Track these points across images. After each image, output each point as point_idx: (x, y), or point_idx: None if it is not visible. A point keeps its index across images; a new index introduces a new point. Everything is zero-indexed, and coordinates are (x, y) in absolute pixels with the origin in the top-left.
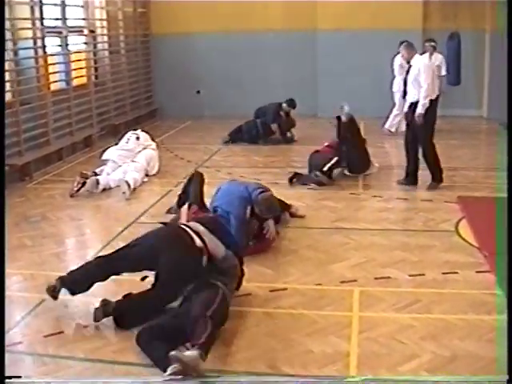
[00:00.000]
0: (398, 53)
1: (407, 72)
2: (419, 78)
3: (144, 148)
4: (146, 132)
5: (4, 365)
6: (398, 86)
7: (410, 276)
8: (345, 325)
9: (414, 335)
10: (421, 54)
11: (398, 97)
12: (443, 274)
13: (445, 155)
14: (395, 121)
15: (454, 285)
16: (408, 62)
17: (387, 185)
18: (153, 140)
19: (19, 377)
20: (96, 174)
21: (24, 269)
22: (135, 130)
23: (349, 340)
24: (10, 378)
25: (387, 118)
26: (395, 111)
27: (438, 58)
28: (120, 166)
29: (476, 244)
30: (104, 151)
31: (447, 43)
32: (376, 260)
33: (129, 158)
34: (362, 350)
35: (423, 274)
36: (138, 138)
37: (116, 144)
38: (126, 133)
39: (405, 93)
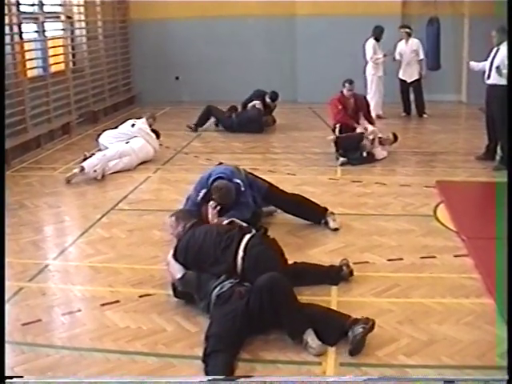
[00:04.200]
0: (370, 37)
1: (494, 56)
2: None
3: (135, 136)
4: (154, 131)
5: (4, 365)
6: (370, 70)
7: (388, 260)
8: None
9: (392, 319)
10: (398, 41)
11: (369, 80)
12: (421, 258)
13: (424, 140)
14: (378, 104)
15: (432, 269)
16: (499, 45)
17: (366, 170)
18: (154, 131)
19: (20, 377)
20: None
21: None
22: (139, 118)
23: None
24: (10, 377)
25: None
26: (371, 95)
27: (414, 42)
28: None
29: (454, 228)
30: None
31: (426, 28)
32: (354, 245)
33: (115, 140)
34: None
35: (401, 259)
36: (133, 125)
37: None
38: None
39: (489, 75)
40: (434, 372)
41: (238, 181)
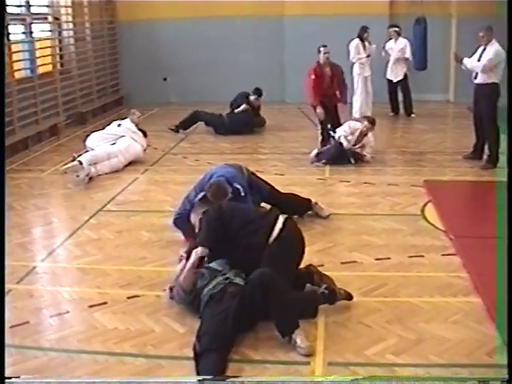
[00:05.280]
0: (353, 38)
1: (480, 55)
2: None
3: (122, 136)
4: (141, 130)
5: (4, 365)
6: (356, 70)
7: (376, 260)
8: None
9: (380, 319)
10: (388, 40)
11: (356, 80)
12: (409, 257)
13: (412, 139)
14: (367, 104)
15: (420, 268)
16: (486, 44)
17: (354, 169)
18: (140, 131)
19: (18, 377)
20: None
21: None
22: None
23: (315, 324)
24: (10, 378)
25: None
26: (357, 95)
27: (402, 41)
28: (93, 149)
29: (442, 227)
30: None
31: (413, 28)
32: (343, 244)
33: (102, 141)
34: (328, 334)
35: (389, 258)
36: (119, 125)
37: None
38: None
39: (476, 75)
40: (422, 371)
41: (238, 186)
